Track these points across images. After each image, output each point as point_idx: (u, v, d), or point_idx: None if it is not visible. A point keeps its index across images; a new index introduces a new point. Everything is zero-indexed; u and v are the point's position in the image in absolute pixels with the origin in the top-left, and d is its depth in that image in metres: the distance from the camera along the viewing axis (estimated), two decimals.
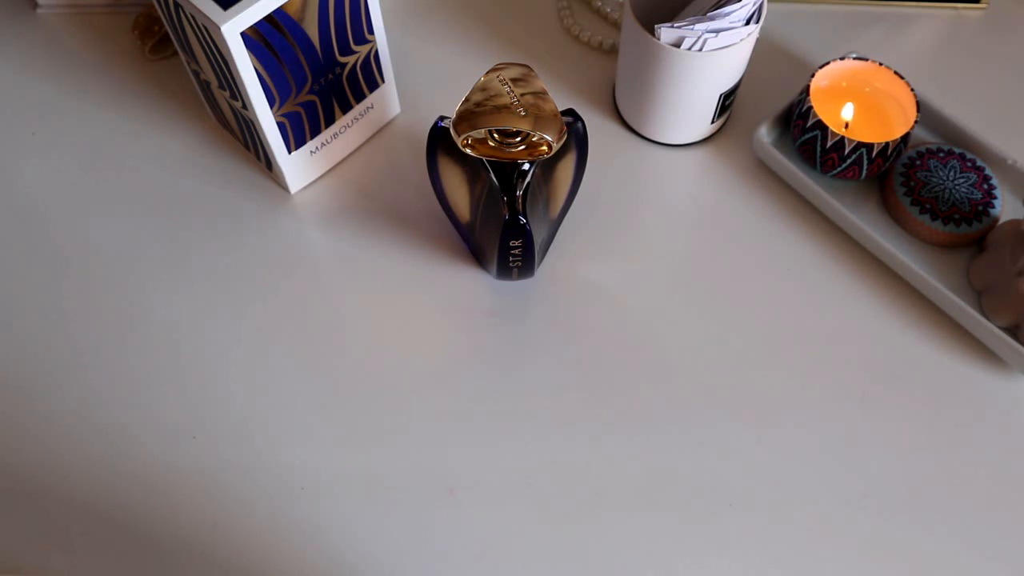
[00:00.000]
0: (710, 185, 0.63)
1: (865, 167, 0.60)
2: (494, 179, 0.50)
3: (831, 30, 0.70)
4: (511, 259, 0.55)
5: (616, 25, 0.71)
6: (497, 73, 0.49)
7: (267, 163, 0.62)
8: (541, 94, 0.49)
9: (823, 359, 0.57)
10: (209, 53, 0.53)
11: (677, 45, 0.56)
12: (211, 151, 0.65)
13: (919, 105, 0.60)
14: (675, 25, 0.56)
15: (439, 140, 0.53)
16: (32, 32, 0.71)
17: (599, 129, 0.65)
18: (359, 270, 0.60)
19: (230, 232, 0.62)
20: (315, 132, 0.60)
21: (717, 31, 0.56)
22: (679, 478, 0.53)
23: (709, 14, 0.56)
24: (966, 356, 0.57)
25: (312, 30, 0.54)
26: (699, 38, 0.56)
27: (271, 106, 0.55)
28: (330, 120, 0.61)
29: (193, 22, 0.52)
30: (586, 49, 0.69)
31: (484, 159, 0.50)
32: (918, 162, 0.60)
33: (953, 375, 0.56)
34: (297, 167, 0.61)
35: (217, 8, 0.49)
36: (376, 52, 0.60)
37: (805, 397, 0.56)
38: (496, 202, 0.51)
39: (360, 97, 0.61)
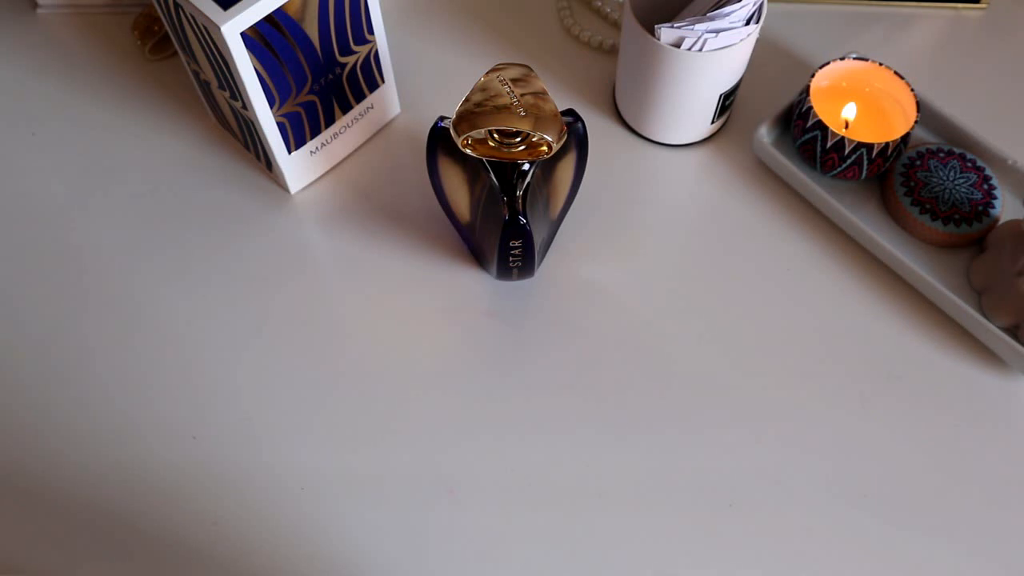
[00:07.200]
0: (710, 185, 0.63)
1: (865, 167, 0.60)
2: (494, 179, 0.50)
3: (831, 30, 0.70)
4: (511, 259, 0.55)
5: (616, 25, 0.71)
6: (497, 73, 0.49)
7: (267, 163, 0.62)
8: (541, 94, 0.49)
9: (823, 359, 0.57)
10: (209, 53, 0.53)
11: (677, 45, 0.56)
12: (211, 151, 0.65)
13: (919, 105, 0.60)
14: (675, 25, 0.56)
15: (439, 140, 0.53)
16: (32, 32, 0.71)
17: (599, 129, 0.65)
18: (359, 270, 0.60)
19: (230, 232, 0.62)
20: (315, 132, 0.60)
21: (717, 31, 0.56)
22: (679, 478, 0.53)
23: (709, 14, 0.56)
24: (966, 356, 0.57)
25: (312, 30, 0.54)
26: (699, 38, 0.56)
27: (271, 106, 0.55)
28: (330, 120, 0.61)
29: (193, 22, 0.52)
30: (586, 49, 0.69)
31: (484, 159, 0.50)
32: (918, 162, 0.60)
33: (953, 375, 0.56)
34: (297, 167, 0.61)
35: (217, 8, 0.49)
36: (376, 52, 0.60)
37: (805, 397, 0.56)
38: (496, 202, 0.51)
39: (360, 97, 0.61)
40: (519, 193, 0.50)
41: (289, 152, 0.60)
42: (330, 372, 0.57)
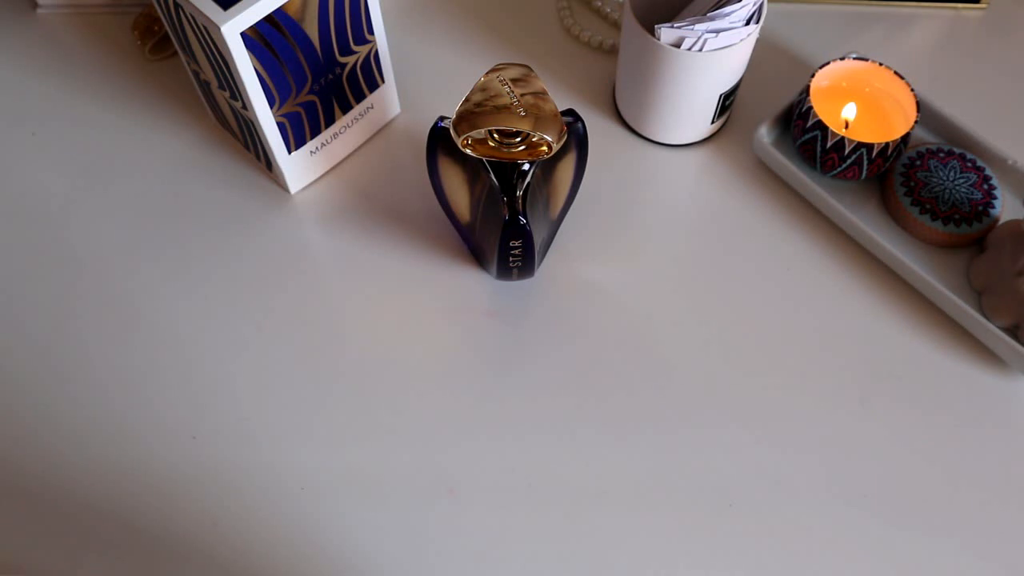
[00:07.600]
0: (710, 185, 0.63)
1: (865, 167, 0.60)
2: (494, 179, 0.50)
3: (831, 30, 0.70)
4: (511, 259, 0.55)
5: (616, 25, 0.71)
6: (497, 73, 0.49)
7: (267, 163, 0.62)
8: (541, 94, 0.49)
9: (823, 359, 0.57)
10: (209, 53, 0.53)
11: (677, 45, 0.56)
12: (211, 151, 0.65)
13: (919, 105, 0.60)
14: (675, 25, 0.56)
15: (439, 140, 0.53)
16: (32, 32, 0.71)
17: (599, 129, 0.65)
18: (359, 270, 0.60)
19: (230, 232, 0.62)
20: (315, 132, 0.60)
21: (717, 31, 0.56)
22: (679, 478, 0.53)
23: (709, 14, 0.56)
24: (966, 356, 0.57)
25: (312, 30, 0.54)
26: (699, 38, 0.56)
27: (271, 106, 0.55)
28: (330, 120, 0.61)
29: (193, 22, 0.52)
30: (586, 49, 0.69)
31: (484, 159, 0.50)
32: (918, 162, 0.60)
33: (953, 375, 0.56)
34: (297, 167, 0.61)
35: (217, 8, 0.49)
36: (376, 52, 0.60)
37: (805, 397, 0.56)
38: (496, 202, 0.51)
39: (360, 97, 0.61)
40: (519, 193, 0.50)
41: (289, 152, 0.60)
42: (330, 372, 0.57)
